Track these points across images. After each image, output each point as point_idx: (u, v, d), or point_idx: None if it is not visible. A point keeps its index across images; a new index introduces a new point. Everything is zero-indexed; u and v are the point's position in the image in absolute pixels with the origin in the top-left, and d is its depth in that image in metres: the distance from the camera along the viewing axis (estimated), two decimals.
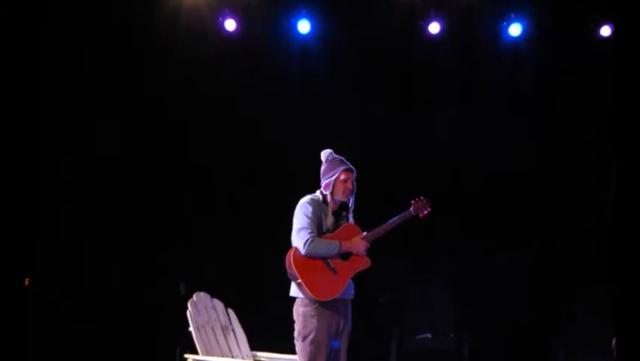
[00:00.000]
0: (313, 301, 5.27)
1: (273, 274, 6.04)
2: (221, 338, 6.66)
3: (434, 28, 8.74)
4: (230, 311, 6.82)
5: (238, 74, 8.77)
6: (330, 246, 5.28)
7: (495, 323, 8.77)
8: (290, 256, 5.27)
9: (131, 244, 8.53)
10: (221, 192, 8.84)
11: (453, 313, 8.70)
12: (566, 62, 8.69)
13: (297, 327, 5.35)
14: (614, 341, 6.26)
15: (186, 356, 6.60)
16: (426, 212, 5.54)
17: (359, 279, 5.45)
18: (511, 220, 8.85)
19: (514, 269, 8.83)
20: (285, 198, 5.86)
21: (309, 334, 5.27)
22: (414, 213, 5.51)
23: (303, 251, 5.24)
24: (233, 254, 8.65)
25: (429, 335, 8.57)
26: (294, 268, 5.23)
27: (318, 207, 5.38)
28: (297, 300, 5.36)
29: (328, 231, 5.37)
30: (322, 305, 5.27)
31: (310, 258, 5.25)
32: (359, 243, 5.36)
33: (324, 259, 5.28)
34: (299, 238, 5.26)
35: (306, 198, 5.43)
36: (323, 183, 5.46)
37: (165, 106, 8.61)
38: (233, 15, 8.66)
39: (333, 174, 5.42)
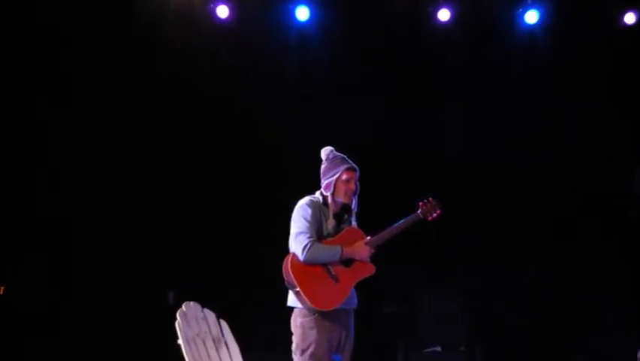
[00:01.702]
0: (312, 312, 5.27)
1: (269, 282, 6.03)
2: (212, 352, 6.65)
3: (444, 15, 8.74)
4: (223, 322, 6.81)
5: (231, 65, 8.78)
6: (330, 251, 5.27)
7: (510, 335, 8.77)
8: (287, 263, 5.27)
9: (116, 249, 8.53)
10: (213, 193, 8.85)
11: (464, 325, 8.69)
12: (587, 52, 8.69)
13: (295, 339, 5.35)
14: (639, 354, 6.28)
15: None
16: (435, 215, 5.53)
17: (362, 287, 5.45)
18: (528, 224, 8.86)
19: (531, 276, 8.84)
20: (282, 200, 5.86)
21: (308, 347, 5.28)
22: (422, 217, 5.50)
23: (301, 257, 5.23)
24: (226, 260, 8.66)
25: (438, 348, 8.58)
26: (292, 276, 5.23)
27: (318, 209, 5.38)
28: (295, 310, 5.36)
29: (329, 235, 5.37)
30: (322, 316, 5.26)
31: (309, 264, 5.25)
32: (362, 248, 5.36)
33: (324, 265, 5.28)
34: (297, 242, 5.26)
35: (305, 199, 5.43)
36: (323, 183, 5.45)
37: (154, 100, 8.61)
38: (226, 1, 8.66)
39: (334, 173, 5.41)
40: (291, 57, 8.79)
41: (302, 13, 8.72)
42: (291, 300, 5.36)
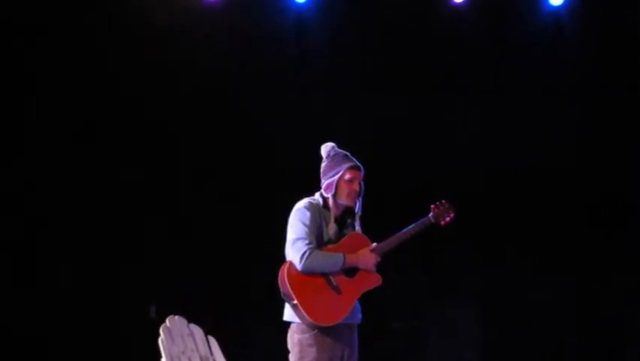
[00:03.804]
0: (312, 327, 5.25)
1: (262, 293, 6.02)
2: None
3: None
4: (212, 339, 6.80)
5: (220, 54, 8.76)
6: (332, 260, 5.26)
7: (532, 354, 8.76)
8: (284, 273, 5.25)
9: (92, 257, 8.52)
10: (200, 195, 8.83)
11: (481, 342, 8.67)
12: (619, 37, 8.68)
13: (292, 358, 5.33)
14: None
15: None
16: (448, 219, 5.54)
17: (367, 300, 5.43)
18: (552, 231, 8.85)
19: (554, 289, 8.83)
20: (278, 202, 5.85)
21: None
22: (434, 221, 5.51)
23: (299, 266, 5.22)
24: (216, 269, 8.64)
25: None
26: (289, 287, 5.21)
27: (318, 212, 5.36)
28: (293, 325, 5.34)
29: (330, 241, 5.35)
30: (323, 332, 5.25)
31: (308, 274, 5.23)
32: (367, 256, 5.34)
33: (324, 275, 5.26)
34: (294, 250, 5.24)
35: (303, 202, 5.41)
36: (324, 183, 5.43)
37: (138, 94, 8.61)
38: None
39: (335, 173, 5.40)
40: (288, 43, 8.78)
41: None
42: (288, 314, 5.34)
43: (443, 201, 5.56)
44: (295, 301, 5.21)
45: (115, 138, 8.67)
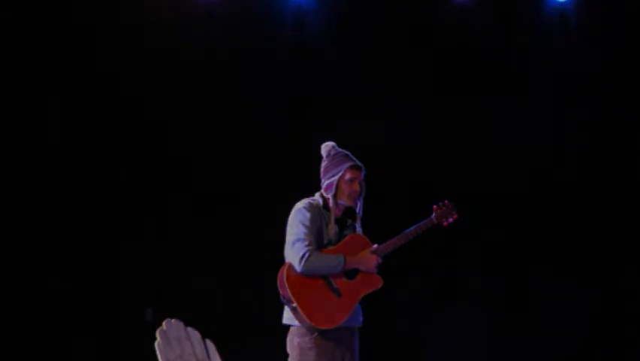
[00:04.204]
0: (312, 331, 5.24)
1: (261, 296, 5.97)
2: None
3: None
4: (209, 343, 6.74)
5: (216, 49, 8.75)
6: (332, 261, 5.24)
7: (534, 357, 8.72)
8: (283, 275, 5.25)
9: (89, 259, 8.50)
10: (197, 194, 8.82)
11: (488, 352, 8.64)
12: (629, 33, 8.65)
13: None
14: None
15: None
16: (451, 220, 5.54)
17: (368, 303, 5.42)
18: (566, 235, 8.81)
19: (569, 296, 8.79)
20: (277, 202, 5.83)
21: None
22: (436, 222, 5.51)
23: (299, 268, 5.21)
24: (213, 271, 8.62)
25: None
26: (288, 289, 5.21)
27: (318, 213, 5.36)
28: (292, 329, 5.33)
29: (330, 243, 5.35)
30: (323, 335, 5.24)
31: (308, 276, 5.23)
32: (368, 258, 5.33)
33: (325, 277, 5.26)
34: (294, 251, 5.24)
35: (303, 202, 5.41)
36: (324, 183, 5.43)
37: (136, 91, 8.60)
38: None
39: (336, 172, 5.39)
40: (287, 38, 8.77)
41: None
42: (287, 317, 5.34)
43: (446, 201, 5.58)
44: (295, 304, 5.21)
45: (115, 138, 8.66)
